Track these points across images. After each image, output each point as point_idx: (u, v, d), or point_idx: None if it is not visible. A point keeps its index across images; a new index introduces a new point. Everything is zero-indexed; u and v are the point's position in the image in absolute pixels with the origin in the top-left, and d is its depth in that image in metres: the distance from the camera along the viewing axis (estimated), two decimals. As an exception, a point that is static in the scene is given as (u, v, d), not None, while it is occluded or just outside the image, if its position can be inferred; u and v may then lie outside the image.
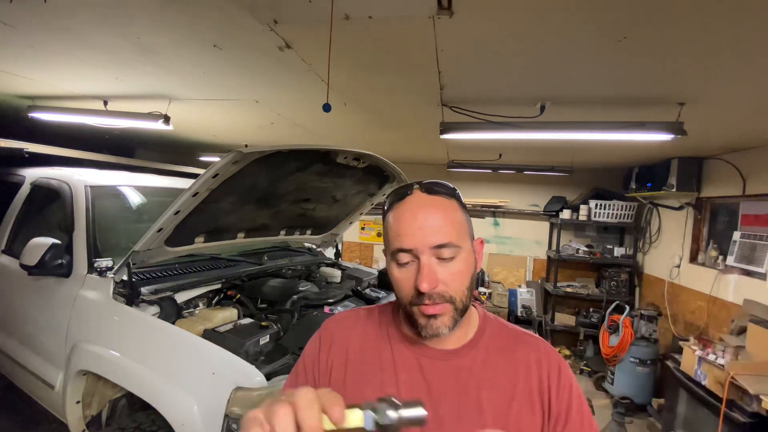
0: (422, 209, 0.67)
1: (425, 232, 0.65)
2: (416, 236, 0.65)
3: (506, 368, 0.71)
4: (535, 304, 4.86)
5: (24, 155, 2.64)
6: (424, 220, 0.66)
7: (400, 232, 0.67)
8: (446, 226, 0.66)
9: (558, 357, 0.75)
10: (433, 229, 0.66)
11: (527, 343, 0.75)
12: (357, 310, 0.83)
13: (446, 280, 0.66)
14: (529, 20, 1.38)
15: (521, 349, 0.74)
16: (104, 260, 1.81)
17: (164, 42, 1.81)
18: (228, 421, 1.28)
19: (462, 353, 0.72)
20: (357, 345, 0.76)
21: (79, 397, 1.74)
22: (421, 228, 0.66)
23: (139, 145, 5.86)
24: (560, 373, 0.72)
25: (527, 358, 0.73)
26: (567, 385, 0.71)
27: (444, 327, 0.66)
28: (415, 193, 0.70)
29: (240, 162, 1.53)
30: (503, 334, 0.77)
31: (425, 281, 0.63)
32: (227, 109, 3.05)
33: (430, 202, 0.69)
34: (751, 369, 2.31)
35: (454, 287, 0.66)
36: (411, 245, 0.65)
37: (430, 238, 0.65)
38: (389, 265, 0.70)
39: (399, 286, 0.69)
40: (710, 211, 3.69)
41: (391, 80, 2.12)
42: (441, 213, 0.67)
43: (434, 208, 0.68)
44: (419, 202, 0.69)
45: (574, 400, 0.70)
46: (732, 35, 1.36)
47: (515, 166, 4.61)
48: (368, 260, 5.99)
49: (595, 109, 2.35)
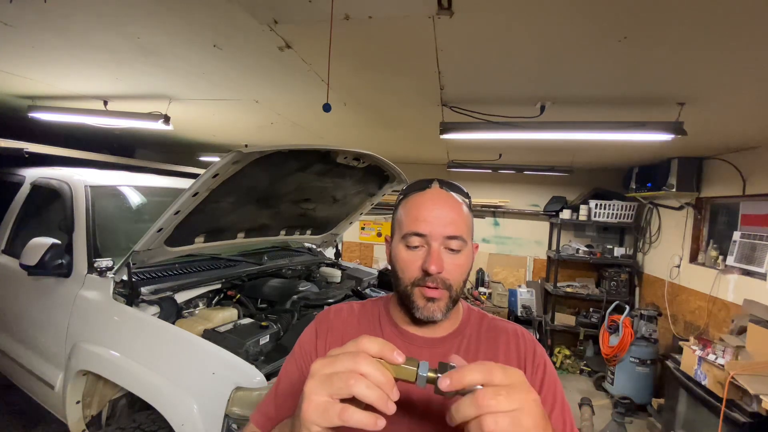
0: (441, 201, 0.74)
1: (441, 222, 0.72)
2: (432, 224, 0.71)
3: (487, 353, 0.77)
4: (535, 304, 4.86)
5: (24, 155, 2.64)
6: (442, 210, 0.73)
7: (419, 218, 0.72)
8: (459, 221, 0.73)
9: (533, 340, 0.82)
10: (448, 221, 0.72)
11: (506, 330, 0.82)
12: (351, 304, 0.88)
13: (450, 268, 0.71)
14: (529, 20, 1.38)
15: (501, 336, 0.80)
16: (104, 260, 1.81)
17: (164, 42, 1.81)
18: (228, 421, 1.28)
19: (447, 341, 0.78)
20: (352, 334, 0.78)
21: (79, 397, 1.74)
22: (438, 218, 0.72)
23: (139, 145, 5.86)
24: (535, 354, 0.78)
25: (507, 343, 0.79)
26: (541, 364, 0.77)
27: (439, 311, 0.72)
28: (436, 187, 0.77)
29: (240, 162, 1.53)
30: (485, 323, 0.83)
31: (434, 264, 0.69)
32: (227, 109, 3.05)
33: (449, 197, 0.76)
34: (751, 369, 2.31)
35: (454, 277, 0.72)
36: (426, 231, 0.71)
37: (445, 228, 0.71)
38: (396, 246, 0.75)
39: (404, 266, 0.73)
40: (710, 211, 3.69)
41: (391, 80, 2.12)
42: (456, 209, 0.74)
43: (452, 203, 0.75)
44: (440, 195, 0.76)
45: (547, 378, 0.76)
46: (732, 35, 1.37)
47: (515, 166, 4.61)
48: (368, 260, 5.99)
49: (595, 109, 2.35)
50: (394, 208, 0.81)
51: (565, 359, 4.61)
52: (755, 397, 2.15)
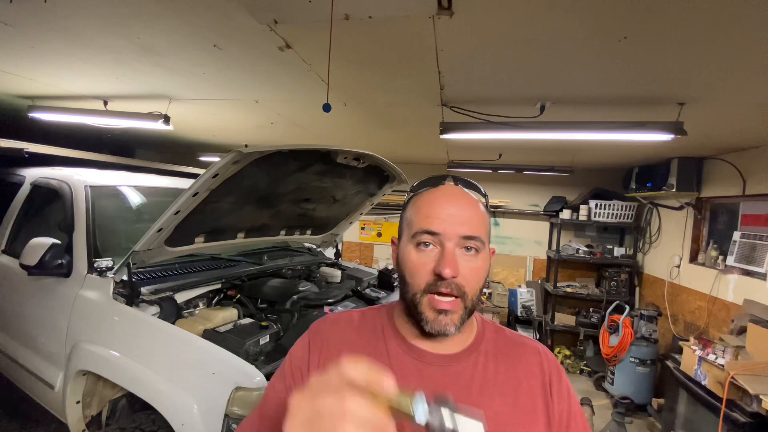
0: (457, 198, 0.67)
1: (457, 220, 0.64)
2: (447, 222, 0.64)
3: (508, 373, 0.69)
4: (535, 304, 4.86)
5: (24, 155, 2.63)
6: (458, 208, 0.66)
7: (431, 215, 0.65)
8: (476, 220, 0.66)
9: (557, 362, 0.74)
10: (465, 219, 0.65)
11: (527, 346, 0.74)
12: (350, 313, 0.78)
13: (466, 273, 0.63)
14: (529, 20, 1.38)
15: (521, 353, 0.72)
16: (104, 260, 1.81)
17: (164, 42, 1.81)
18: (228, 421, 1.28)
19: (462, 358, 0.69)
20: (350, 349, 0.71)
21: (79, 397, 1.74)
22: (453, 216, 0.65)
23: (139, 145, 5.86)
24: (561, 379, 0.71)
25: (528, 362, 0.71)
26: (566, 391, 0.71)
27: (452, 325, 0.64)
28: (450, 184, 0.70)
29: (240, 162, 1.53)
30: (502, 338, 0.75)
31: (449, 266, 0.61)
32: (227, 109, 3.05)
33: (465, 194, 0.69)
34: (751, 369, 2.31)
35: (471, 283, 0.64)
36: (440, 229, 0.64)
37: (461, 227, 0.64)
38: (405, 248, 0.67)
39: (414, 270, 0.65)
40: (710, 211, 3.69)
41: (391, 80, 2.12)
42: (474, 207, 0.67)
43: (468, 200, 0.68)
44: (454, 191, 0.69)
45: (573, 406, 0.70)
46: (732, 35, 1.37)
47: (515, 166, 4.61)
48: (368, 260, 5.99)
49: (595, 109, 2.35)
50: (403, 208, 0.73)
51: (565, 359, 4.61)
52: (755, 397, 2.15)
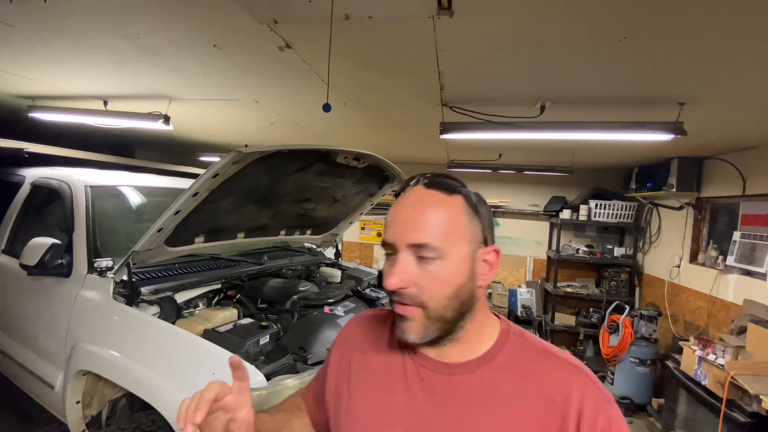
0: (412, 204, 0.63)
1: (405, 228, 0.61)
2: (397, 231, 0.62)
3: (521, 394, 0.60)
4: (535, 304, 4.86)
5: (24, 155, 2.64)
6: (408, 215, 0.62)
7: (389, 223, 0.64)
8: (431, 225, 0.60)
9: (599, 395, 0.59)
10: (414, 226, 0.61)
11: (559, 368, 0.62)
12: (375, 315, 0.81)
13: (421, 282, 0.60)
14: (529, 20, 1.38)
15: (548, 376, 0.61)
16: (104, 260, 1.81)
17: (164, 42, 1.81)
18: (228, 421, 1.27)
19: (468, 368, 0.64)
20: (366, 348, 0.75)
21: (79, 397, 1.74)
22: (405, 222, 0.62)
23: (139, 145, 5.86)
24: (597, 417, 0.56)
25: (553, 388, 0.59)
26: None
27: (411, 333, 0.62)
28: (416, 187, 0.65)
29: (240, 162, 1.53)
30: (529, 354, 0.64)
31: (389, 277, 0.61)
32: (227, 109, 3.05)
33: (424, 197, 0.63)
34: (751, 369, 2.31)
35: (429, 292, 0.60)
36: (390, 239, 0.63)
37: (408, 234, 0.61)
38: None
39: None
40: (710, 211, 3.69)
41: (391, 80, 2.12)
42: (430, 210, 0.61)
43: (424, 205, 0.62)
44: (414, 196, 0.64)
45: None
46: (732, 35, 1.36)
47: (515, 166, 4.60)
48: (368, 260, 5.99)
49: (595, 109, 2.35)
50: None
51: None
52: (755, 397, 2.15)
